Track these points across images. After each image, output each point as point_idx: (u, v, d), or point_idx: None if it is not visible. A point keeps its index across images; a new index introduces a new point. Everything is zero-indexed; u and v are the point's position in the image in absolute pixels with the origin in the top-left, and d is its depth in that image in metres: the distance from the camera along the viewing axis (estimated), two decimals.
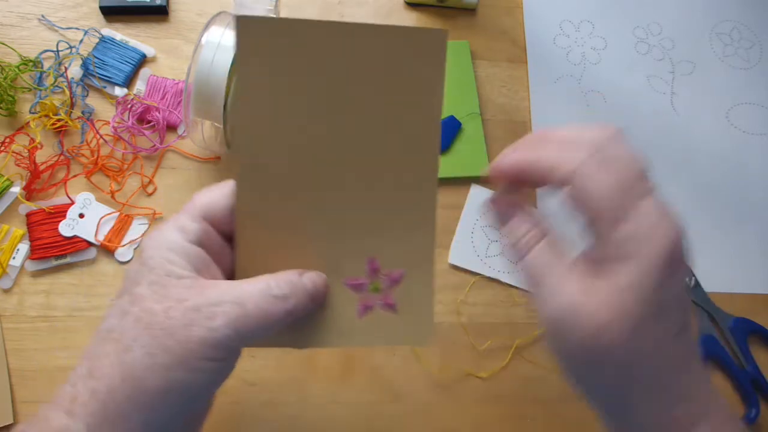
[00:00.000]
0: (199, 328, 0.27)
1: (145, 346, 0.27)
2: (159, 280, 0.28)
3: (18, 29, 0.52)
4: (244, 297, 0.28)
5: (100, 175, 0.49)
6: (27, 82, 0.49)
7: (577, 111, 0.58)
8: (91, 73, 0.51)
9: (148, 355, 0.27)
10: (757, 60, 0.63)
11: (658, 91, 0.60)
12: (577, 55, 0.60)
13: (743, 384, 0.49)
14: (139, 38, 0.53)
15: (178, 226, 0.30)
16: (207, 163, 0.50)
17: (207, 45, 0.42)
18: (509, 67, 0.58)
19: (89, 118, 0.50)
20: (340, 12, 0.58)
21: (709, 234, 0.54)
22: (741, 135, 0.59)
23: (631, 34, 0.62)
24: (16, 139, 0.48)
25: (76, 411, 0.26)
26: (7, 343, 0.43)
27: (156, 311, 0.27)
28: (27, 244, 0.46)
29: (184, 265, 0.29)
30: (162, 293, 0.28)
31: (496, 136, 0.55)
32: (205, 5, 0.56)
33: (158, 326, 0.27)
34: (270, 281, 0.29)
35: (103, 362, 0.27)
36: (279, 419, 0.44)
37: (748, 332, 0.50)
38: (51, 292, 0.45)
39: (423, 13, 0.59)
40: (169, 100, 0.51)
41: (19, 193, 0.46)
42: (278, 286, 0.29)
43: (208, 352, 0.27)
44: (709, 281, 0.52)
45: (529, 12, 0.61)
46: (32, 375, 0.43)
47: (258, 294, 0.29)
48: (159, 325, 0.27)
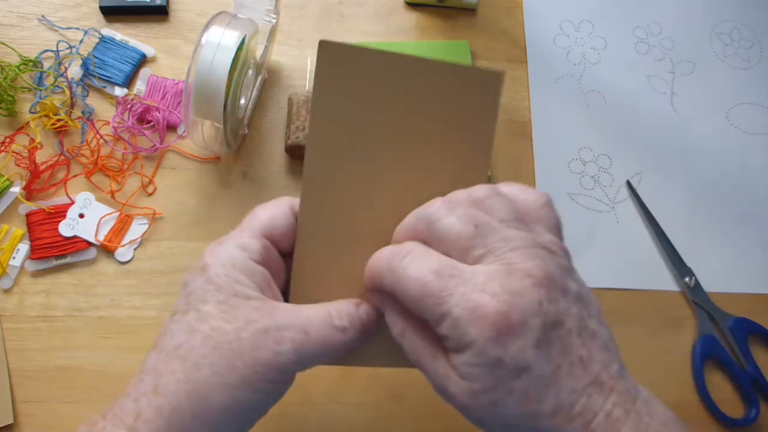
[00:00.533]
0: (266, 351, 0.28)
1: (214, 365, 0.27)
2: (227, 300, 0.28)
3: (18, 29, 0.52)
4: (309, 325, 0.29)
5: (100, 175, 0.49)
6: (27, 82, 0.49)
7: (577, 111, 0.58)
8: (91, 73, 0.51)
9: (216, 374, 0.27)
10: (757, 60, 0.63)
11: (658, 91, 0.60)
12: (577, 55, 0.60)
13: (743, 384, 0.49)
14: (139, 38, 0.53)
15: (240, 244, 0.30)
16: (207, 163, 0.50)
17: (207, 45, 0.42)
18: (509, 67, 0.58)
19: (89, 118, 0.50)
20: (340, 12, 0.58)
21: (709, 234, 0.54)
22: (741, 135, 0.59)
23: (631, 34, 0.62)
24: (16, 139, 0.48)
25: (140, 428, 0.27)
26: (7, 343, 0.43)
27: (227, 331, 0.28)
28: (27, 244, 0.46)
29: (251, 284, 0.29)
30: (232, 313, 0.28)
31: (496, 136, 0.55)
32: (205, 5, 0.56)
33: (227, 346, 0.27)
34: (331, 311, 0.29)
35: (168, 379, 0.27)
36: (279, 419, 0.44)
37: (748, 332, 0.50)
38: (51, 292, 0.45)
39: (423, 13, 0.59)
40: (169, 100, 0.51)
41: (19, 193, 0.46)
42: (339, 317, 0.29)
43: (271, 374, 0.28)
44: (709, 281, 0.52)
45: (529, 12, 0.61)
46: (32, 375, 0.43)
47: (320, 323, 0.29)
48: (228, 345, 0.27)
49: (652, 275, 0.52)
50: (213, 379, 0.27)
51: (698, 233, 0.54)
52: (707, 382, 0.49)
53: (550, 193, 0.30)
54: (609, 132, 0.57)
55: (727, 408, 0.48)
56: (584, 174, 0.55)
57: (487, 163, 0.32)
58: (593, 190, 0.55)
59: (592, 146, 0.56)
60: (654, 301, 0.51)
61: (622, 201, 0.55)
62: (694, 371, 0.49)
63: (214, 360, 0.27)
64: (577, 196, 0.54)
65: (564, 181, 0.54)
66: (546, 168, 0.55)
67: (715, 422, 0.48)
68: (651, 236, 0.53)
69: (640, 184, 0.55)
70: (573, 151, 0.56)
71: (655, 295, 0.52)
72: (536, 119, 0.56)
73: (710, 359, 0.50)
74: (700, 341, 0.50)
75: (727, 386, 0.50)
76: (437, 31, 0.59)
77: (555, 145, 0.56)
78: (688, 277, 0.52)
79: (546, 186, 0.54)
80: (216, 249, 0.30)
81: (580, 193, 0.54)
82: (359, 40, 0.57)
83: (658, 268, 0.53)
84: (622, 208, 0.54)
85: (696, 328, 0.51)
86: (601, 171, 0.56)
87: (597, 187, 0.55)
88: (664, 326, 0.51)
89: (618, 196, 0.55)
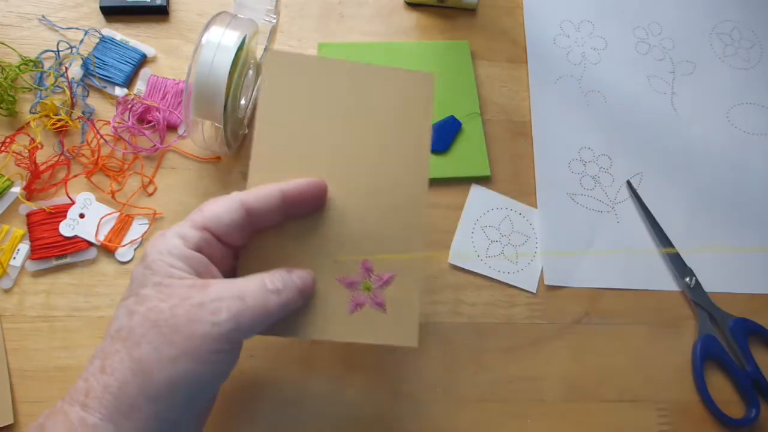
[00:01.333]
0: (203, 323, 0.29)
1: (153, 341, 0.29)
2: (163, 281, 0.30)
3: (18, 29, 0.52)
4: (244, 292, 0.31)
5: (101, 175, 0.49)
6: (27, 82, 0.49)
7: (577, 111, 0.58)
8: (91, 73, 0.51)
9: (156, 350, 0.29)
10: (757, 60, 0.63)
11: (658, 91, 0.60)
12: (577, 55, 0.60)
13: (743, 384, 0.49)
14: (139, 38, 0.53)
15: (179, 233, 0.32)
16: (207, 163, 0.50)
17: (207, 45, 0.42)
18: (509, 67, 0.58)
19: (89, 118, 0.50)
20: (340, 12, 0.58)
21: (709, 234, 0.54)
22: (741, 135, 0.59)
23: (631, 34, 0.62)
24: (17, 139, 0.48)
25: (90, 404, 0.28)
26: (7, 343, 0.43)
27: (162, 309, 0.29)
28: (27, 244, 0.46)
29: (186, 268, 0.31)
30: (167, 292, 0.30)
31: (496, 136, 0.55)
32: (205, 5, 0.56)
33: (164, 323, 0.29)
34: (264, 277, 0.32)
35: (113, 359, 0.29)
36: (279, 419, 0.44)
37: (748, 332, 0.50)
38: (51, 292, 0.45)
39: (423, 13, 0.59)
40: (169, 100, 0.51)
41: (20, 193, 0.46)
42: (272, 281, 0.32)
43: (212, 344, 0.29)
44: (709, 281, 0.52)
45: (529, 12, 0.61)
46: (32, 375, 0.43)
47: (255, 289, 0.31)
48: (165, 322, 0.29)
49: (652, 275, 0.52)
50: (153, 354, 0.29)
51: (698, 233, 0.54)
52: (707, 382, 0.49)
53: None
54: (609, 132, 0.57)
55: (727, 408, 0.48)
56: (584, 174, 0.55)
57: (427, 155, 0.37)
58: (593, 190, 0.55)
59: (592, 146, 0.56)
60: (654, 301, 0.51)
61: (622, 201, 0.55)
62: (694, 371, 0.49)
63: (152, 337, 0.29)
64: (577, 196, 0.54)
65: (564, 181, 0.54)
66: (546, 168, 0.55)
67: (715, 422, 0.48)
68: (651, 236, 0.53)
69: (641, 184, 0.55)
70: (573, 151, 0.56)
71: (655, 295, 0.52)
72: (536, 119, 0.56)
73: (710, 359, 0.50)
74: (700, 341, 0.50)
75: (727, 386, 0.50)
76: (437, 31, 0.59)
77: (555, 145, 0.56)
78: (688, 277, 0.52)
79: (546, 186, 0.54)
80: (156, 240, 0.32)
81: (581, 193, 0.54)
82: (359, 40, 0.57)
83: (658, 268, 0.53)
84: (622, 208, 0.54)
85: (696, 328, 0.51)
86: (602, 171, 0.56)
87: (597, 187, 0.55)
88: (664, 326, 0.51)
89: (618, 196, 0.55)
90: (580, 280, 0.51)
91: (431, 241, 0.50)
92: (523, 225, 0.52)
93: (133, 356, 0.29)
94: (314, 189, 0.35)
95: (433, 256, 0.49)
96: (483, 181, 0.53)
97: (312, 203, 0.35)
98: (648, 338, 0.50)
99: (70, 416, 0.28)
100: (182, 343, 0.29)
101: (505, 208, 0.52)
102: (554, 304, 0.50)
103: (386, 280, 0.36)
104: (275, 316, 0.32)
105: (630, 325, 0.50)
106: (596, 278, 0.51)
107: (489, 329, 0.48)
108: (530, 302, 0.50)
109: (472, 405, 0.46)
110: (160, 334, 0.29)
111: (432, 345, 0.47)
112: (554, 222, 0.53)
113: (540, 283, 0.50)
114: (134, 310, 0.30)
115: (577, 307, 0.50)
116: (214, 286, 0.31)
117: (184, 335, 0.29)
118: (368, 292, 0.36)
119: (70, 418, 0.28)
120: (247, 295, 0.31)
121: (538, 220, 0.52)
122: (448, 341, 0.48)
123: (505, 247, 0.51)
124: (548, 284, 0.50)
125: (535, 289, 0.50)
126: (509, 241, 0.51)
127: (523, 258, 0.51)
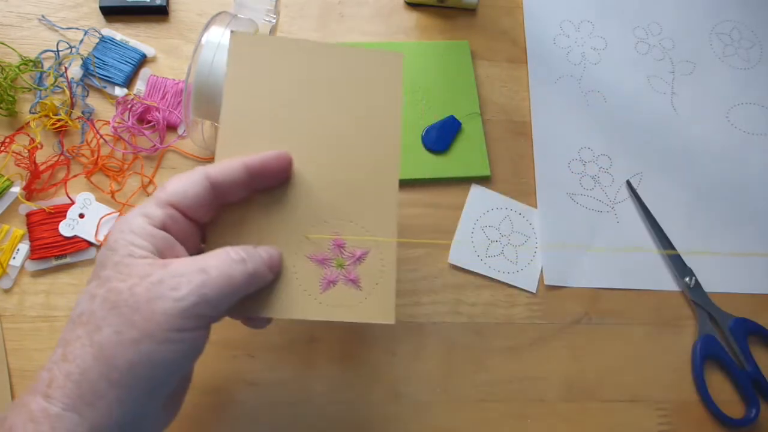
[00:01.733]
0: (164, 300, 0.28)
1: (113, 324, 0.28)
2: (122, 260, 0.29)
3: (18, 29, 0.52)
4: (206, 264, 0.30)
5: (100, 175, 0.49)
6: (27, 82, 0.49)
7: (577, 111, 0.58)
8: (91, 73, 0.51)
9: (116, 333, 0.27)
10: (757, 60, 0.63)
11: (658, 91, 0.60)
12: (577, 55, 0.60)
13: (743, 384, 0.49)
14: (139, 38, 0.53)
15: (142, 212, 0.31)
16: (207, 163, 0.50)
17: (207, 45, 0.42)
18: (509, 67, 0.58)
19: (89, 118, 0.50)
20: (341, 12, 0.58)
21: (709, 234, 0.54)
22: (741, 135, 0.59)
23: (631, 34, 0.62)
24: (17, 139, 0.48)
25: (53, 394, 0.27)
26: (7, 343, 0.43)
27: (121, 290, 0.28)
28: (27, 244, 0.46)
29: (148, 246, 0.30)
30: (126, 272, 0.29)
31: (496, 136, 0.55)
32: (205, 5, 0.56)
33: (123, 304, 0.28)
34: (228, 249, 0.31)
35: (75, 345, 0.28)
36: (279, 419, 0.44)
37: (748, 332, 0.50)
38: (51, 292, 0.45)
39: (423, 13, 0.59)
40: (169, 100, 0.51)
41: (19, 193, 0.46)
42: (236, 252, 0.31)
43: (175, 322, 0.28)
44: (709, 281, 0.52)
45: (529, 12, 0.61)
46: (32, 375, 0.43)
47: (218, 260, 0.30)
48: (124, 302, 0.28)
49: (652, 275, 0.52)
50: (114, 338, 0.27)
51: (698, 233, 0.54)
52: (707, 382, 0.49)
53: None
54: (609, 132, 0.57)
55: (727, 408, 0.48)
56: (584, 174, 0.55)
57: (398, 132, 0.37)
58: (593, 190, 0.55)
59: (592, 146, 0.56)
60: (654, 301, 0.51)
61: (622, 201, 0.55)
62: (694, 371, 0.49)
63: (113, 320, 0.28)
64: (577, 196, 0.54)
65: (564, 181, 0.54)
66: (546, 168, 0.55)
67: (715, 422, 0.48)
68: (651, 236, 0.53)
69: (640, 184, 0.55)
70: (573, 151, 0.56)
71: (655, 295, 0.52)
72: (536, 119, 0.56)
73: (710, 359, 0.50)
74: (700, 341, 0.50)
75: (727, 386, 0.50)
76: (437, 31, 0.59)
77: (555, 145, 0.56)
78: (688, 277, 0.52)
79: (546, 186, 0.54)
80: (119, 221, 0.31)
81: (580, 193, 0.54)
82: (359, 40, 0.57)
83: (658, 268, 0.53)
84: (622, 208, 0.54)
85: (696, 328, 0.51)
86: (601, 171, 0.56)
87: (597, 187, 0.55)
88: (664, 326, 0.51)
89: (618, 196, 0.55)
90: (580, 280, 0.51)
91: (431, 240, 0.50)
92: (523, 225, 0.52)
93: (94, 341, 0.28)
94: (278, 161, 0.34)
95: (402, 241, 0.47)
96: (483, 181, 0.53)
97: (277, 176, 0.35)
98: (648, 338, 0.50)
99: (32, 407, 0.27)
100: (143, 324, 0.27)
101: (505, 208, 0.53)
102: (554, 304, 0.50)
103: (359, 257, 0.35)
104: (242, 288, 0.31)
105: (630, 325, 0.50)
106: (596, 278, 0.51)
107: (489, 329, 0.48)
108: (530, 302, 0.50)
109: (472, 405, 0.46)
110: (121, 315, 0.28)
111: (432, 345, 0.47)
112: (554, 222, 0.53)
113: (540, 283, 0.50)
114: (95, 293, 0.29)
115: (577, 307, 0.50)
116: (175, 263, 0.29)
117: (144, 315, 0.28)
118: (341, 269, 0.35)
119: (31, 408, 0.27)
120: (209, 266, 0.29)
121: (538, 220, 0.52)
122: (448, 341, 0.48)
123: (505, 247, 0.51)
124: (548, 284, 0.50)
125: (534, 289, 0.50)
126: (509, 241, 0.51)
127: (523, 258, 0.51)
